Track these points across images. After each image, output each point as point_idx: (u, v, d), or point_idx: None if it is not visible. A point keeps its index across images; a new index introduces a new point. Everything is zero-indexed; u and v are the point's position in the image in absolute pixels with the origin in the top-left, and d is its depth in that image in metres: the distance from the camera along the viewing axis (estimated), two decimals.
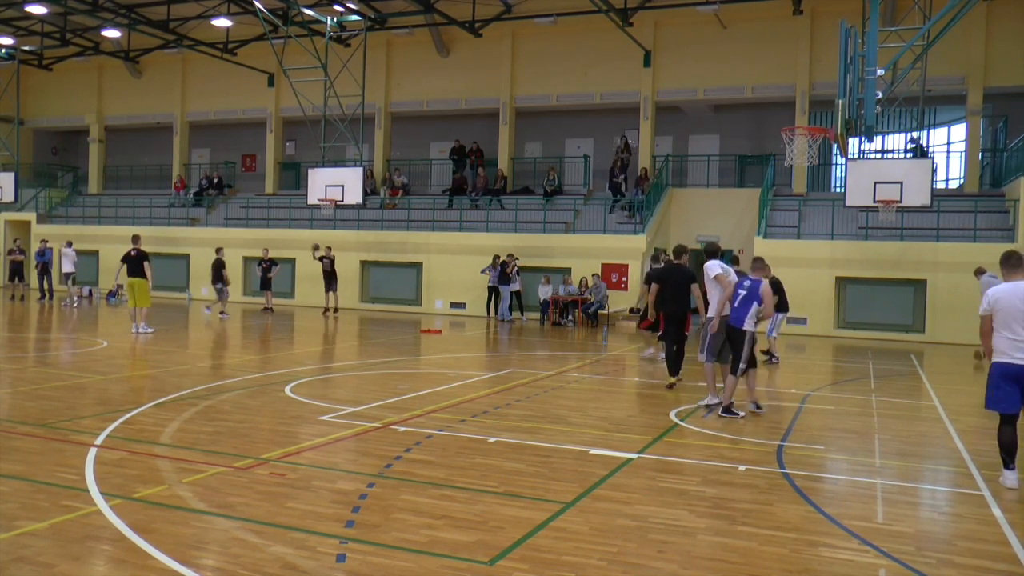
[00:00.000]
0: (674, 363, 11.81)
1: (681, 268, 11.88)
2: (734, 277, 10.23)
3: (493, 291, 24.16)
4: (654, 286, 12.39)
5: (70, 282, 25.56)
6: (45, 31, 31.24)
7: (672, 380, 11.75)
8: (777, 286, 13.77)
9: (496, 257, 24.04)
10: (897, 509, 6.17)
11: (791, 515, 5.88)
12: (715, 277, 10.13)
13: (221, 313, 22.16)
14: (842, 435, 8.98)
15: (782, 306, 14.43)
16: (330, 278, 23.96)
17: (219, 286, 22.36)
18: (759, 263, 10.21)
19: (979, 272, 16.26)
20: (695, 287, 11.60)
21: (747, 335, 9.53)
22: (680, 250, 11.99)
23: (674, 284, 11.72)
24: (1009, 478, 6.87)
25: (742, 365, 9.58)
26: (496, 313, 24.16)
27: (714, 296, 10.18)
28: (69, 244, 26.38)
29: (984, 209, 21.79)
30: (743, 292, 9.66)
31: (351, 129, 24.60)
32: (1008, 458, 6.89)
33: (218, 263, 22.56)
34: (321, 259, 23.91)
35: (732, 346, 9.72)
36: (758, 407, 9.97)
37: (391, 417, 8.91)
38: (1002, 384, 6.77)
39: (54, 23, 30.11)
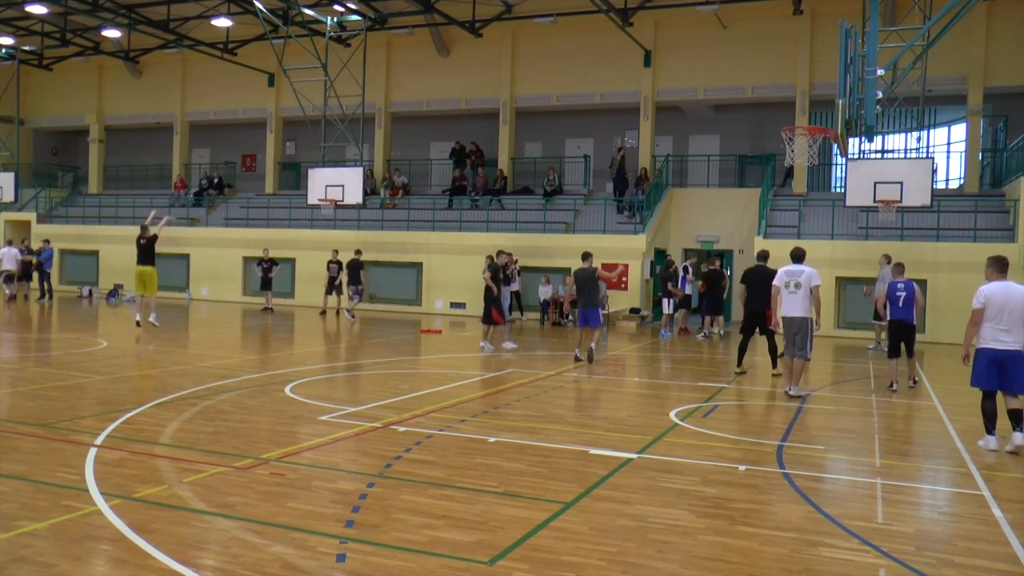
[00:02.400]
0: (743, 354, 13.35)
1: (763, 269, 13.30)
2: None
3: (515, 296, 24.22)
4: (742, 286, 13.45)
5: (2, 279, 25.17)
6: (45, 31, 31.23)
7: (742, 369, 13.27)
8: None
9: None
10: (897, 509, 6.17)
11: (791, 515, 5.88)
12: (814, 287, 11.17)
13: (351, 315, 22.38)
14: (842, 435, 8.98)
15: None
16: (333, 282, 23.74)
17: (355, 287, 22.64)
18: (901, 267, 12.72)
19: (887, 260, 17.65)
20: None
21: (915, 328, 12.26)
22: (764, 254, 13.79)
23: (757, 284, 13.02)
24: (991, 442, 8.08)
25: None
26: None
27: (801, 298, 11.14)
28: (10, 243, 26.18)
29: (984, 209, 21.79)
30: (902, 294, 12.00)
31: (351, 129, 24.60)
32: (990, 424, 8.12)
33: (355, 264, 22.79)
34: (329, 263, 23.87)
35: (908, 339, 12.12)
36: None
37: (391, 417, 8.91)
38: (987, 366, 8.04)
39: (54, 23, 30.10)
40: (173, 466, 6.71)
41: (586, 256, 14.54)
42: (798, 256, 11.43)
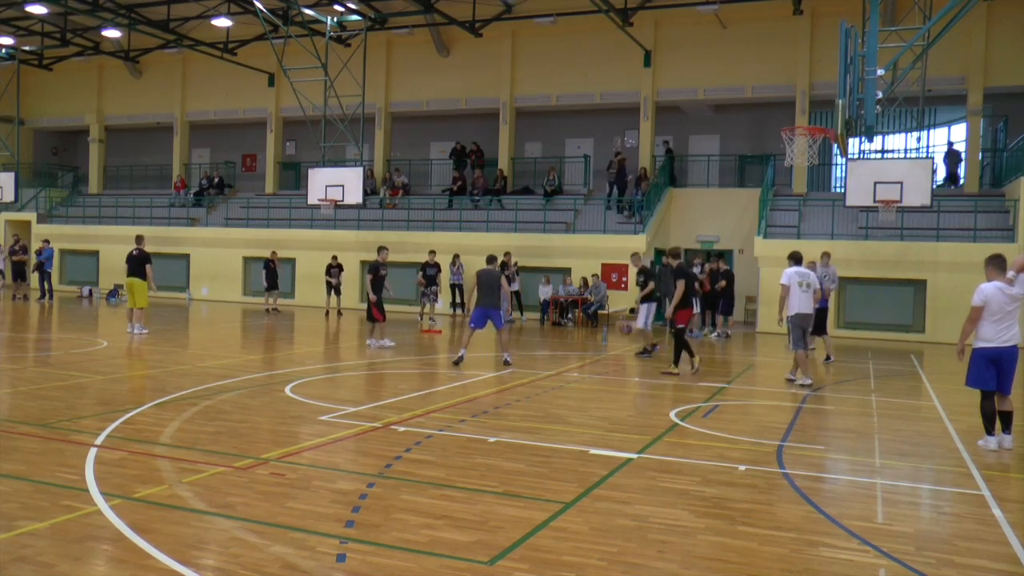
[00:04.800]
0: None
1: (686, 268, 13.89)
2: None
3: (456, 289, 24.37)
4: (681, 282, 13.50)
5: None
6: (45, 31, 31.23)
7: (677, 370, 13.16)
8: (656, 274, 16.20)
9: (456, 256, 24.31)
10: (897, 509, 6.17)
11: (791, 515, 5.88)
12: (818, 288, 12.69)
13: (430, 319, 22.75)
14: (842, 435, 8.98)
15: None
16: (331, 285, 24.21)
17: (434, 288, 23.18)
18: (827, 257, 16.12)
19: (804, 261, 18.51)
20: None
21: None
22: (677, 252, 14.17)
23: (691, 281, 13.65)
24: (991, 442, 8.15)
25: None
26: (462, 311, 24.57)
27: (811, 296, 12.34)
28: None
29: (984, 209, 21.78)
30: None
31: (351, 129, 24.60)
32: (989, 425, 8.17)
33: (424, 266, 23.37)
34: (329, 267, 24.05)
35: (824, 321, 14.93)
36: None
37: (391, 417, 8.91)
38: (985, 366, 8.05)
39: (54, 23, 30.10)
40: (173, 466, 6.70)
41: (491, 259, 14.56)
42: (800, 258, 12.62)
